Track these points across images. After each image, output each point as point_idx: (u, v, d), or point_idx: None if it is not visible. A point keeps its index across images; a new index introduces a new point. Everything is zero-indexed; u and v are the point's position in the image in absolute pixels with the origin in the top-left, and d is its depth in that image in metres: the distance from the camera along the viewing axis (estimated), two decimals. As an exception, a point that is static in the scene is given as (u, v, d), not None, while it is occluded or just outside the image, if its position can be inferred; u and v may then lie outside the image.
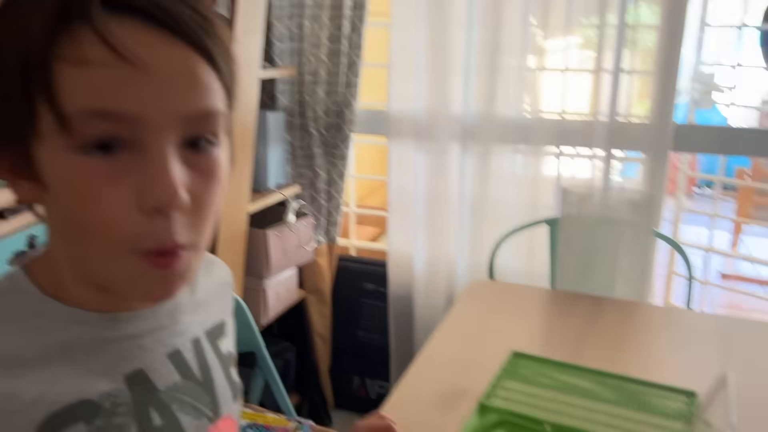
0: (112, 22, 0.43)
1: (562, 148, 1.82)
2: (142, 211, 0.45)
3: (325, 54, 1.95)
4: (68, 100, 0.43)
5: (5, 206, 1.12)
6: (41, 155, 0.46)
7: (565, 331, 1.31)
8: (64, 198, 0.46)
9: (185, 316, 0.60)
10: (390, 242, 2.04)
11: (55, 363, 0.50)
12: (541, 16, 1.75)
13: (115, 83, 0.43)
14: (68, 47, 0.43)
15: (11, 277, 0.53)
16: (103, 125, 0.44)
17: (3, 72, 0.45)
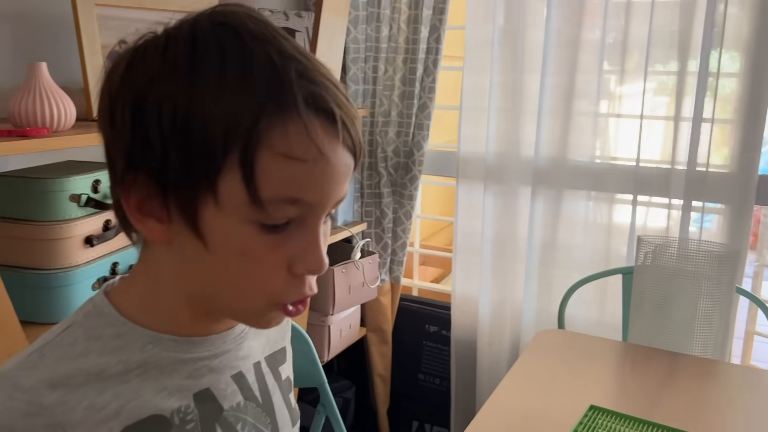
0: (312, 119, 0.49)
1: (637, 197, 1.77)
2: (293, 274, 0.53)
3: (397, 96, 1.98)
4: (267, 185, 0.49)
5: (92, 233, 1.17)
6: (213, 219, 0.51)
7: (640, 386, 1.25)
8: (232, 260, 0.52)
9: (249, 342, 0.64)
10: (454, 284, 2.01)
11: (134, 380, 0.54)
12: (617, 61, 1.73)
13: (311, 178, 0.50)
14: (279, 139, 0.48)
15: (93, 302, 0.58)
16: (292, 211, 0.51)
17: (193, 134, 0.48)
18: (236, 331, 0.62)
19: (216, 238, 0.51)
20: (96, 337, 0.55)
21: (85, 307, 0.57)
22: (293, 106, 0.48)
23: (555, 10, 1.75)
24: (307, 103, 0.49)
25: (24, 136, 1.01)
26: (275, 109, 0.48)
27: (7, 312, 0.95)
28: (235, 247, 0.51)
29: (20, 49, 1.30)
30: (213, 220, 0.50)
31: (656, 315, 1.48)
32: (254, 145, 0.48)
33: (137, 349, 0.55)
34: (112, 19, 1.32)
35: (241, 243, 0.51)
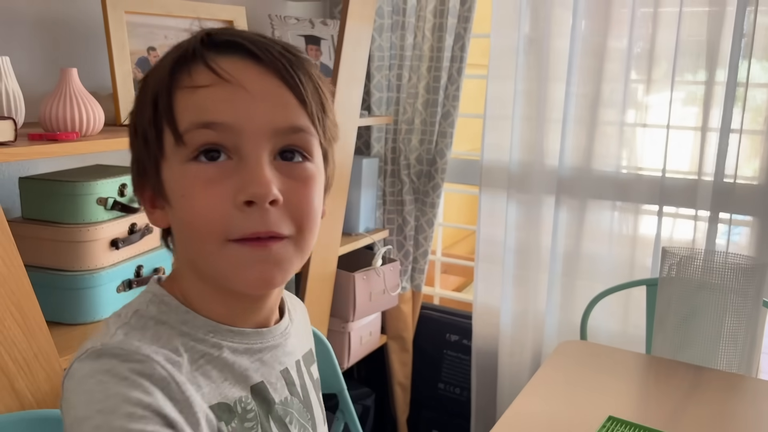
0: (218, 57, 0.55)
1: (663, 208, 1.75)
2: (237, 206, 0.53)
3: (421, 104, 1.99)
4: (182, 119, 0.54)
5: (118, 236, 1.19)
6: (166, 174, 0.56)
7: (662, 399, 1.23)
8: (178, 202, 0.56)
9: (291, 339, 0.66)
10: (476, 293, 2.00)
11: (203, 367, 0.57)
12: (644, 71, 1.71)
13: (216, 100, 0.54)
14: (183, 78, 0.55)
15: (152, 291, 0.60)
16: (207, 134, 0.54)
17: (143, 112, 0.56)
18: (282, 326, 0.65)
19: (169, 190, 0.56)
20: (163, 321, 0.57)
21: (144, 296, 0.60)
22: (196, 51, 0.56)
23: (581, 19, 1.74)
24: (210, 45, 0.56)
25: (54, 140, 1.03)
26: (179, 58, 0.56)
27: (35, 312, 0.97)
28: (178, 190, 0.55)
29: (52, 55, 1.33)
30: (165, 174, 0.56)
31: (681, 328, 1.45)
32: (169, 91, 0.55)
33: (201, 336, 0.58)
34: (141, 26, 1.35)
35: (181, 185, 0.55)
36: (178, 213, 0.56)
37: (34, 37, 1.30)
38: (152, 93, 0.56)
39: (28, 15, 1.28)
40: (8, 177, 1.25)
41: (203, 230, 0.54)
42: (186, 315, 0.58)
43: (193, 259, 0.58)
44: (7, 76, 1.05)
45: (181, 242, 0.59)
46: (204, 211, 0.53)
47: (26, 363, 0.96)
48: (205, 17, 1.46)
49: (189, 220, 0.55)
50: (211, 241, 0.54)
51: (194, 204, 0.54)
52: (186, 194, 0.54)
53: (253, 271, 0.55)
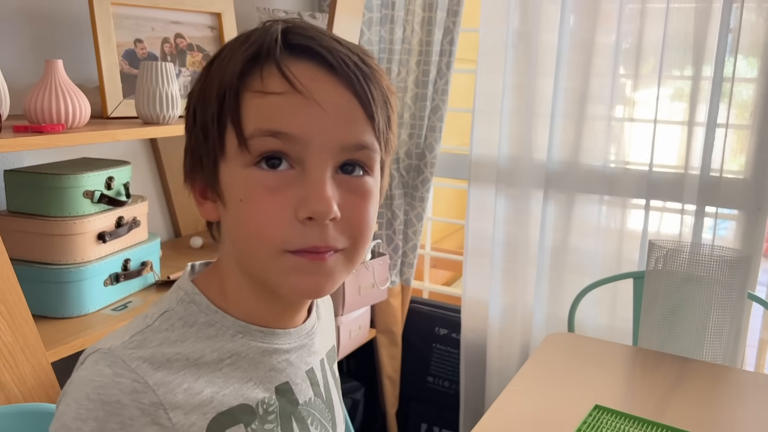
0: (292, 62, 0.54)
1: (650, 201, 1.76)
2: (298, 219, 0.53)
3: (410, 98, 1.99)
4: (248, 123, 0.53)
5: (105, 230, 1.19)
6: (224, 174, 0.56)
7: (649, 390, 1.25)
8: (235, 206, 0.55)
9: (317, 338, 0.66)
10: (465, 287, 2.01)
11: (226, 368, 0.57)
12: (632, 66, 1.72)
13: (287, 109, 0.53)
14: (255, 81, 0.54)
15: (183, 289, 0.60)
16: (273, 143, 0.53)
17: (206, 106, 0.56)
18: (308, 325, 0.65)
19: (226, 190, 0.56)
20: (191, 323, 0.57)
21: (176, 294, 0.60)
22: (270, 54, 0.54)
23: (569, 14, 1.74)
24: (289, 47, 0.54)
25: (39, 132, 1.02)
26: (252, 57, 0.54)
27: (21, 306, 0.97)
28: (236, 194, 0.55)
29: (37, 46, 1.32)
30: (223, 174, 0.56)
31: (667, 320, 1.47)
32: (238, 92, 0.54)
33: (228, 337, 0.58)
34: (127, 18, 1.34)
35: (240, 189, 0.54)
36: (235, 215, 0.55)
37: (19, 29, 1.29)
38: (219, 88, 0.55)
39: (13, 6, 1.27)
40: (-7, 170, 1.24)
41: (261, 238, 0.54)
42: (215, 315, 0.58)
43: (243, 260, 0.58)
44: (-9, 68, 1.04)
45: (233, 241, 0.58)
46: (264, 221, 0.53)
47: (12, 357, 0.96)
48: (192, 9, 1.45)
49: (246, 225, 0.54)
50: (267, 249, 0.54)
51: (254, 211, 0.53)
52: (246, 199, 0.54)
53: (306, 280, 0.55)
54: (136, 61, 1.34)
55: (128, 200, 1.24)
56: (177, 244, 1.65)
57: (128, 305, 1.23)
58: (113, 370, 0.52)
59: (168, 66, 1.22)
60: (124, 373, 0.52)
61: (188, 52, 1.46)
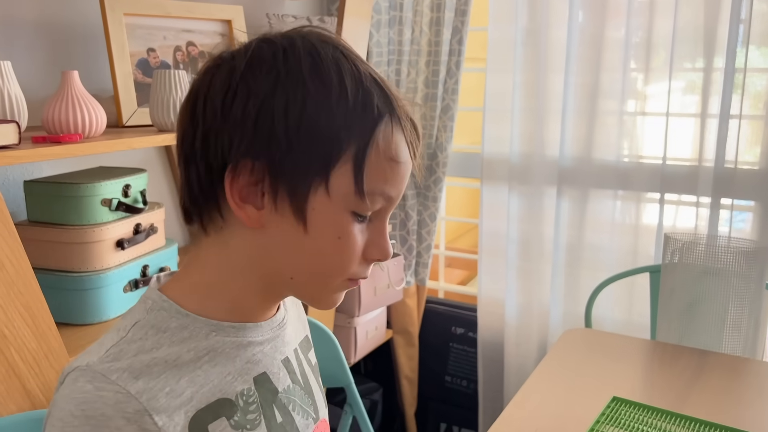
0: (409, 129, 0.61)
1: (665, 195, 1.75)
2: (366, 260, 0.62)
3: (420, 98, 1.99)
4: (372, 180, 0.58)
5: (123, 237, 1.20)
6: (319, 202, 0.58)
7: (667, 383, 1.24)
8: (328, 241, 0.59)
9: (288, 329, 0.69)
10: (480, 286, 2.01)
11: (204, 365, 0.59)
12: (643, 60, 1.71)
13: (398, 177, 0.60)
14: (388, 144, 0.59)
15: (150, 298, 0.61)
16: (381, 203, 0.60)
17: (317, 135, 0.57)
18: (278, 318, 0.67)
19: (318, 223, 0.58)
20: (163, 329, 0.59)
21: (144, 304, 0.61)
22: (398, 119, 0.59)
23: (578, 10, 1.74)
24: (405, 116, 0.60)
25: (57, 142, 1.04)
26: (388, 120, 0.59)
27: (44, 313, 0.98)
28: (334, 231, 0.59)
29: (53, 58, 1.34)
30: (320, 207, 0.58)
31: (684, 314, 1.46)
32: (368, 146, 0.58)
33: (202, 337, 0.60)
34: (140, 28, 1.36)
35: (339, 228, 0.59)
36: (324, 247, 0.59)
37: (35, 41, 1.31)
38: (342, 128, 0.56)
39: (29, 20, 1.29)
40: (13, 181, 1.26)
41: (342, 271, 0.61)
42: (185, 319, 0.59)
43: (297, 276, 0.62)
44: (9, 81, 1.06)
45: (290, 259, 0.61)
46: (350, 259, 0.60)
47: (37, 364, 0.97)
48: (203, 17, 1.47)
49: (335, 259, 0.60)
50: (339, 278, 0.61)
51: (347, 250, 0.60)
52: (344, 239, 0.59)
53: (337, 298, 0.64)
54: (150, 70, 1.36)
55: (145, 207, 1.26)
56: (194, 249, 1.66)
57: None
58: (94, 384, 0.53)
59: (181, 74, 1.24)
60: (105, 386, 0.53)
61: (200, 60, 1.47)
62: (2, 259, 0.91)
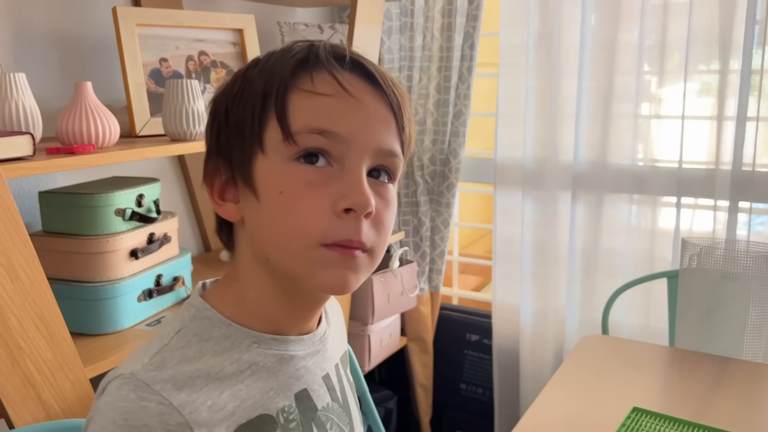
0: (338, 70, 0.58)
1: (681, 199, 1.73)
2: (335, 213, 0.55)
3: (432, 104, 1.99)
4: (296, 120, 0.56)
5: (137, 246, 1.20)
6: (260, 168, 0.57)
7: (688, 391, 1.22)
8: (274, 198, 0.56)
9: (330, 344, 0.67)
10: (495, 292, 2.00)
11: (246, 379, 0.58)
12: (657, 62, 1.70)
13: (336, 110, 0.56)
14: (305, 81, 0.57)
15: (194, 306, 0.61)
16: (319, 140, 0.56)
17: (245, 104, 0.58)
18: (320, 332, 0.66)
19: (262, 184, 0.57)
20: (206, 338, 0.58)
21: (187, 311, 0.61)
22: (317, 57, 0.58)
23: (590, 13, 1.73)
24: (334, 56, 0.58)
25: (71, 153, 1.04)
26: (301, 60, 0.58)
27: (59, 323, 0.99)
28: (275, 186, 0.56)
29: (67, 70, 1.35)
30: (260, 168, 0.57)
31: (704, 320, 1.44)
32: (284, 89, 0.57)
33: (244, 348, 0.59)
34: (152, 38, 1.36)
35: (280, 181, 0.56)
36: (271, 208, 0.56)
37: (49, 53, 1.32)
38: (264, 86, 0.57)
39: (42, 32, 1.30)
40: (28, 192, 1.27)
41: (300, 231, 0.55)
42: (228, 328, 0.59)
43: (271, 254, 0.58)
44: (23, 93, 1.06)
45: (261, 237, 0.59)
46: (306, 213, 0.55)
47: (52, 374, 0.97)
48: (215, 27, 1.47)
49: (286, 217, 0.55)
50: (304, 241, 0.55)
51: (295, 203, 0.55)
52: (286, 192, 0.55)
53: (335, 273, 0.56)
54: (162, 79, 1.37)
55: (159, 217, 1.26)
56: (207, 258, 1.66)
57: (162, 320, 1.24)
58: (137, 394, 0.53)
59: (193, 83, 1.24)
60: (148, 396, 0.53)
61: (212, 69, 1.48)
62: (17, 270, 0.92)
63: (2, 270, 0.90)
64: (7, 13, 1.23)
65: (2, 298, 0.90)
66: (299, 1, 1.84)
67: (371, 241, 0.57)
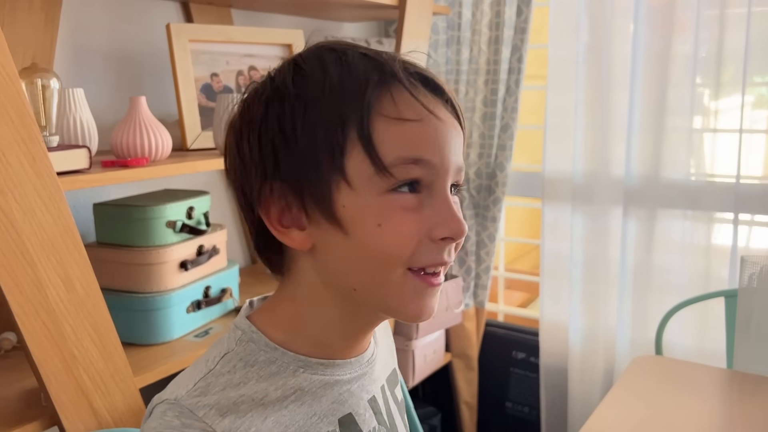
0: (414, 89, 0.55)
1: (738, 215, 1.67)
2: (432, 240, 0.54)
3: (479, 117, 1.97)
4: (388, 151, 0.53)
5: (187, 258, 1.22)
6: (348, 201, 0.54)
7: (748, 418, 1.16)
8: (370, 231, 0.54)
9: (376, 365, 0.65)
10: (542, 309, 1.95)
11: (291, 405, 0.57)
12: (711, 75, 1.65)
13: (425, 137, 0.54)
14: (387, 106, 0.54)
15: (240, 328, 0.60)
16: (415, 170, 0.54)
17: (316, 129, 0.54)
18: (368, 354, 0.64)
19: (353, 219, 0.54)
20: (251, 363, 0.57)
21: (234, 334, 0.60)
22: (394, 75, 0.54)
23: (642, 25, 1.69)
24: (406, 72, 0.55)
25: (125, 166, 1.07)
26: (378, 81, 0.54)
27: (111, 333, 1.00)
28: (372, 220, 0.54)
29: (122, 84, 1.38)
30: (348, 202, 0.54)
31: (765, 341, 1.37)
32: (367, 117, 0.53)
33: (290, 373, 0.58)
34: (204, 54, 1.39)
35: (376, 215, 0.54)
36: (366, 241, 0.54)
37: (106, 69, 1.36)
38: (338, 112, 0.53)
39: (100, 48, 1.34)
40: (83, 203, 1.30)
41: (393, 255, 0.54)
42: (274, 353, 0.58)
43: (361, 286, 0.56)
44: (81, 107, 1.09)
45: (345, 269, 0.56)
46: (402, 237, 0.54)
47: (104, 383, 0.99)
48: (264, 42, 1.49)
49: (382, 245, 0.54)
50: (395, 267, 0.54)
51: (394, 230, 0.54)
52: (385, 223, 0.53)
53: (424, 303, 0.56)
54: (213, 94, 1.39)
55: (208, 229, 1.28)
56: (254, 270, 1.68)
57: (209, 331, 1.25)
58: (181, 420, 0.53)
59: (243, 97, 1.25)
60: (192, 423, 0.52)
61: (261, 83, 1.50)
62: (73, 281, 0.94)
63: (59, 280, 0.92)
64: (68, 33, 1.27)
65: (58, 307, 0.92)
66: (346, 16, 1.85)
67: (450, 260, 0.58)
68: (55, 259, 0.91)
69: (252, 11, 1.63)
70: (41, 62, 1.18)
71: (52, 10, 1.21)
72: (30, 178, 0.88)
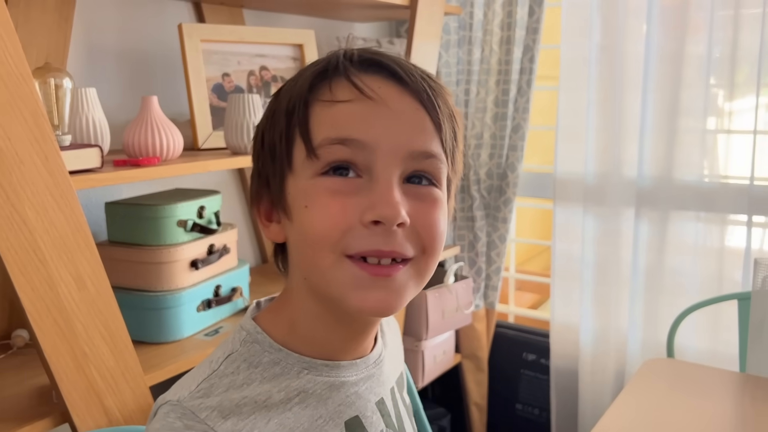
0: (361, 74, 0.55)
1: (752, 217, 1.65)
2: (363, 225, 0.52)
3: (490, 118, 1.96)
4: (317, 133, 0.54)
5: (197, 257, 1.22)
6: (291, 187, 0.56)
7: (761, 422, 1.15)
8: (300, 213, 0.54)
9: (385, 366, 0.64)
10: (553, 311, 1.94)
11: (295, 407, 0.56)
12: (726, 75, 1.63)
13: (355, 115, 0.53)
14: (323, 92, 0.55)
15: (245, 329, 0.60)
16: (341, 151, 0.53)
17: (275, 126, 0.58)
18: (375, 354, 0.63)
19: (292, 203, 0.56)
20: (255, 364, 0.57)
21: (239, 334, 0.60)
22: (338, 68, 0.55)
23: (655, 26, 1.68)
24: (351, 61, 0.56)
25: (137, 166, 1.07)
26: (323, 73, 0.56)
27: (122, 332, 1.01)
28: (302, 202, 0.54)
29: (134, 84, 1.39)
30: (291, 188, 0.56)
31: (779, 345, 1.36)
32: (306, 104, 0.55)
33: (294, 375, 0.57)
34: (215, 54, 1.39)
35: (305, 197, 0.54)
36: (298, 224, 0.55)
37: (118, 68, 1.37)
38: (287, 105, 0.56)
39: (112, 48, 1.35)
40: (95, 202, 1.31)
41: (322, 239, 0.52)
42: (278, 354, 0.58)
43: (309, 275, 0.56)
44: (93, 107, 1.10)
45: (298, 257, 0.57)
46: (326, 219, 0.52)
47: (114, 381, 0.99)
48: (275, 42, 1.49)
49: (308, 227, 0.53)
50: (327, 251, 0.52)
51: (317, 212, 0.53)
52: (310, 204, 0.53)
53: (372, 295, 0.53)
54: (224, 94, 1.40)
55: (219, 228, 1.28)
56: (264, 269, 1.68)
57: (219, 330, 1.26)
58: (183, 422, 0.53)
59: (254, 98, 1.26)
60: (194, 424, 0.52)
61: (272, 84, 1.50)
62: (84, 279, 0.94)
63: (70, 279, 0.92)
64: (81, 32, 1.28)
65: (70, 305, 0.92)
66: (358, 16, 1.85)
67: (411, 250, 0.53)
68: (67, 257, 0.92)
69: (263, 11, 1.63)
70: (54, 62, 1.19)
71: (66, 9, 1.22)
72: (42, 177, 0.88)
